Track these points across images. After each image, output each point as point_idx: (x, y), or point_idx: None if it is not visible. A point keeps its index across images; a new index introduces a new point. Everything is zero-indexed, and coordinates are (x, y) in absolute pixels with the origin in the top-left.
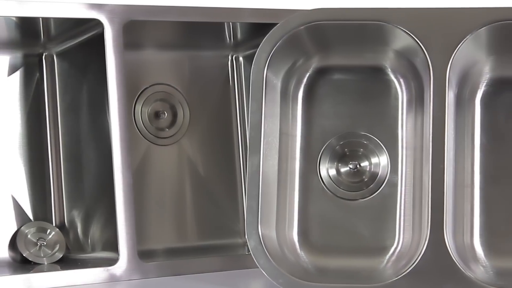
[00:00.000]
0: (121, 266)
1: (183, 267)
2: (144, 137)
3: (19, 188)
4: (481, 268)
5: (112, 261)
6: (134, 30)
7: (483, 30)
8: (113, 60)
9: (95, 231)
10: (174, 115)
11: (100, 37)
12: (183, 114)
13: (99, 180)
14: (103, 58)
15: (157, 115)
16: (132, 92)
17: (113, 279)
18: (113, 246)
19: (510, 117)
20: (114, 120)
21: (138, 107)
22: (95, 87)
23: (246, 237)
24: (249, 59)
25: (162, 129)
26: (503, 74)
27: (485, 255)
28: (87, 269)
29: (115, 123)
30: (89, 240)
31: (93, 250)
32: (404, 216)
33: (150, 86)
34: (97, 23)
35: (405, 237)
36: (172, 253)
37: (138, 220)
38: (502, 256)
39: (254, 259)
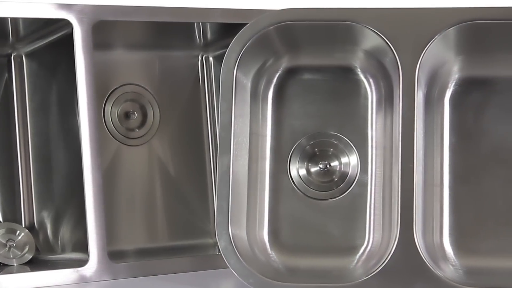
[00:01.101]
0: (91, 267)
1: (153, 267)
2: (114, 138)
3: None
4: (451, 267)
5: (82, 262)
6: (104, 30)
7: (451, 30)
8: (82, 60)
9: (65, 232)
10: (144, 116)
11: (69, 37)
12: (153, 114)
13: (68, 181)
14: (72, 59)
15: (127, 115)
16: (101, 93)
17: (83, 280)
18: (83, 247)
19: (478, 116)
20: (83, 120)
21: (108, 108)
22: (64, 87)
23: (216, 237)
24: (219, 59)
25: (132, 130)
26: (472, 74)
27: (454, 254)
28: (57, 270)
29: (84, 124)
30: (59, 241)
31: (63, 251)
32: (374, 215)
33: (120, 86)
34: (66, 23)
35: (375, 237)
36: (143, 253)
37: (108, 220)
38: (471, 255)
39: (225, 259)
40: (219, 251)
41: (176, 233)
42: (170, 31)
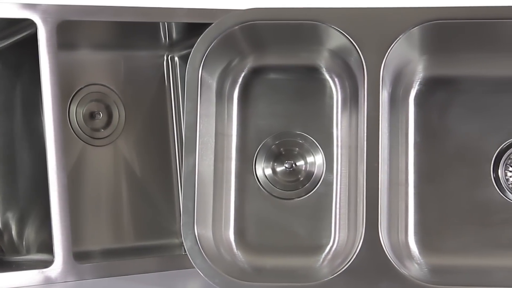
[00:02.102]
0: (56, 268)
1: (119, 268)
2: (79, 138)
3: None
4: (416, 265)
5: (47, 263)
6: (68, 30)
7: (415, 29)
8: (46, 61)
9: (30, 233)
10: (110, 116)
11: (34, 37)
12: (119, 114)
13: (33, 182)
14: (36, 59)
15: (92, 115)
16: (66, 93)
17: (48, 281)
18: (48, 248)
19: (443, 115)
20: (48, 121)
21: (73, 108)
22: (28, 87)
23: (182, 237)
24: (184, 59)
25: (97, 130)
26: (436, 73)
27: (419, 252)
28: (22, 271)
29: (49, 124)
30: (24, 242)
31: (28, 252)
32: (339, 214)
33: (85, 86)
34: (30, 23)
35: (340, 236)
36: (108, 254)
37: (73, 221)
38: (436, 254)
39: (190, 259)
40: (185, 251)
41: (142, 233)
42: (135, 31)
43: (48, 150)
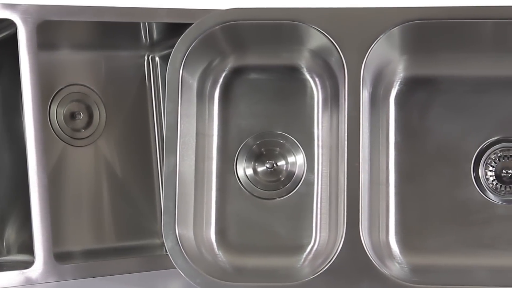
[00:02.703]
0: (37, 268)
1: (100, 268)
2: (60, 138)
3: None
4: (397, 265)
5: (28, 264)
6: (48, 30)
7: (396, 29)
8: (27, 61)
9: (11, 233)
10: (90, 116)
11: (14, 38)
12: (99, 114)
13: (14, 182)
14: (16, 59)
15: (72, 116)
16: (47, 93)
17: (29, 282)
18: (28, 248)
19: (423, 115)
20: (28, 121)
21: (54, 108)
22: (8, 88)
23: (163, 237)
24: (165, 59)
25: (78, 130)
26: (416, 73)
27: (400, 252)
28: (2, 272)
29: (29, 125)
30: (4, 243)
31: (9, 253)
32: (320, 214)
33: (65, 86)
34: (10, 23)
35: (321, 236)
36: (90, 254)
37: (54, 222)
38: (417, 253)
39: (172, 259)
40: (166, 252)
41: (123, 233)
42: (116, 31)
43: (28, 150)
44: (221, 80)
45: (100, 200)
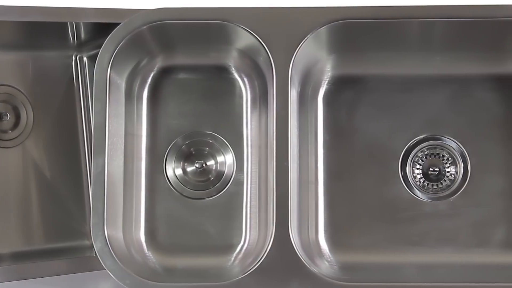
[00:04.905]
0: None
1: (29, 271)
2: None
3: None
4: (326, 263)
5: None
6: None
7: (323, 29)
8: None
9: None
10: (17, 117)
11: None
12: (27, 115)
13: None
14: None
15: None
16: None
17: None
18: None
19: (351, 114)
20: None
21: None
22: None
23: (92, 239)
24: (93, 59)
25: (4, 131)
26: (344, 72)
27: (329, 250)
28: None
29: None
30: None
31: None
32: (250, 214)
33: None
34: None
35: (251, 235)
36: (18, 256)
37: None
38: (346, 251)
39: (101, 260)
40: (96, 253)
41: (52, 235)
42: (43, 31)
43: None
44: (149, 80)
45: (28, 202)
